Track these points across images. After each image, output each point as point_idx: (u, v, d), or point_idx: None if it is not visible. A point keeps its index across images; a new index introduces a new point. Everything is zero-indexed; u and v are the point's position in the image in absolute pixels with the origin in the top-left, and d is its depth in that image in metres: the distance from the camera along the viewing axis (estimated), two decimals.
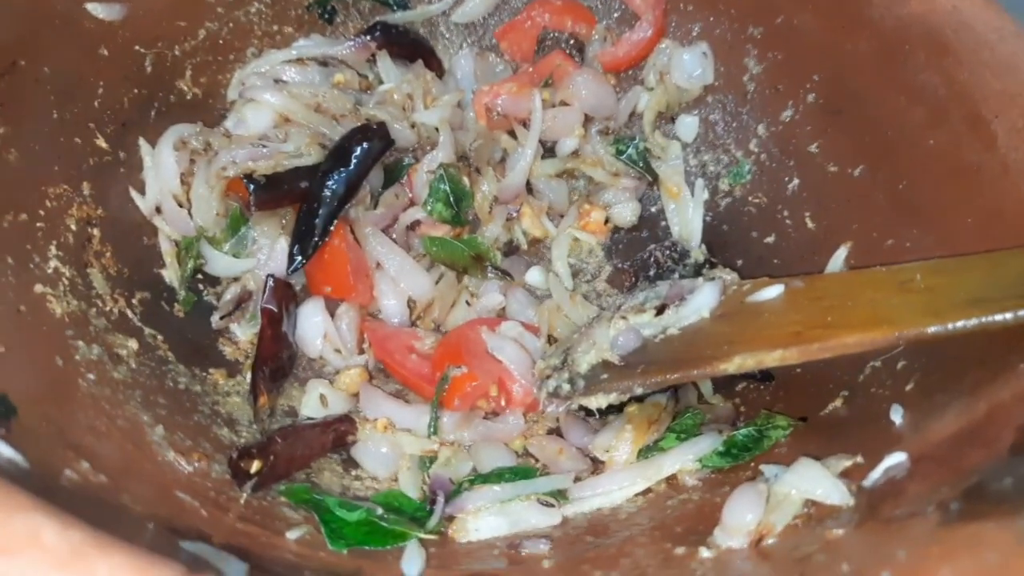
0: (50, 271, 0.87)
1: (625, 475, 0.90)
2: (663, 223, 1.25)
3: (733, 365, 0.82)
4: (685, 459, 0.89)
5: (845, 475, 0.75)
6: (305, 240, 1.02)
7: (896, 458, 0.72)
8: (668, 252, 1.16)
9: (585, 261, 1.24)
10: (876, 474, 0.72)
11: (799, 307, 0.86)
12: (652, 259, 1.16)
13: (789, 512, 0.73)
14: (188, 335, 1.01)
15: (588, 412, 0.97)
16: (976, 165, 0.87)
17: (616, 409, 0.97)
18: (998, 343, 0.75)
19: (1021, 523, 0.52)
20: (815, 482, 0.73)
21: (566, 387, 0.94)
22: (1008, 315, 0.68)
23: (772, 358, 0.80)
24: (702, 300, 0.94)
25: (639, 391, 0.89)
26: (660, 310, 0.96)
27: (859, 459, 0.76)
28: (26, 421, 0.66)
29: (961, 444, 0.69)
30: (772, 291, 0.89)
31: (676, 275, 1.15)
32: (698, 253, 1.20)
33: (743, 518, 0.73)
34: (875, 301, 0.79)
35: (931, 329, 0.71)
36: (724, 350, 0.83)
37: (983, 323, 0.69)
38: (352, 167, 1.03)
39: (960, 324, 0.70)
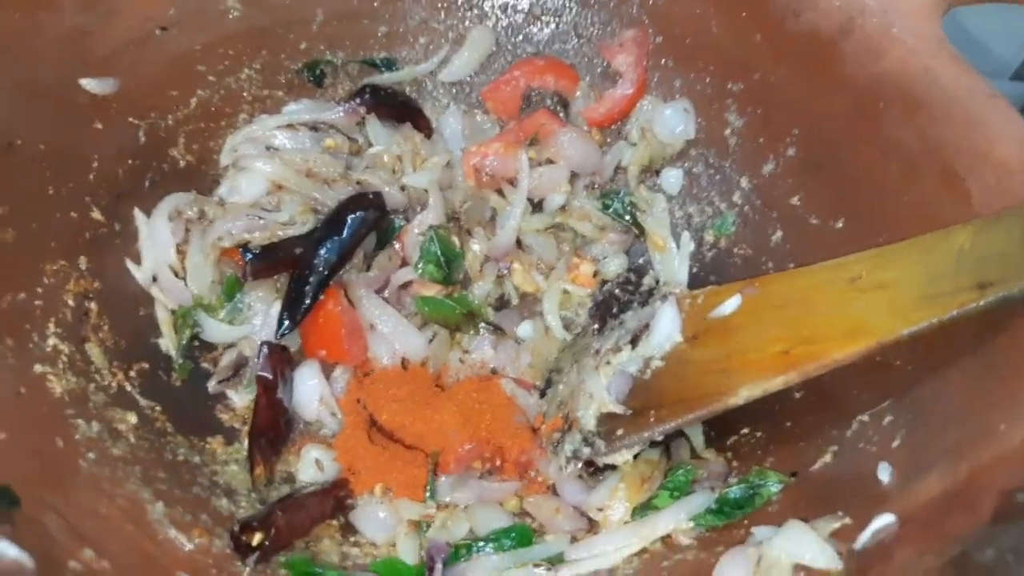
0: (49, 349, 0.89)
1: (620, 535, 0.91)
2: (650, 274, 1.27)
3: (741, 398, 0.83)
4: (679, 518, 0.90)
5: (835, 536, 0.77)
6: (294, 307, 1.03)
7: (885, 519, 0.74)
8: (623, 286, 1.20)
9: (576, 313, 1.26)
10: (865, 536, 0.74)
11: (765, 319, 0.87)
12: (612, 297, 1.19)
13: None
14: (185, 404, 1.02)
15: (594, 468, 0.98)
16: (951, 222, 0.89)
17: (610, 466, 0.99)
18: (978, 400, 0.77)
19: None
20: (804, 546, 0.75)
21: (586, 450, 0.96)
22: (965, 307, 0.70)
23: (776, 384, 0.81)
24: (666, 324, 0.96)
25: (659, 438, 0.91)
26: (634, 343, 0.98)
27: (847, 520, 0.77)
28: (29, 511, 0.68)
29: (945, 507, 0.71)
30: (731, 304, 0.91)
31: (635, 305, 1.17)
32: (650, 279, 1.23)
33: None
34: (838, 305, 0.80)
35: (904, 332, 0.73)
36: (726, 383, 0.84)
37: (943, 320, 0.71)
38: (346, 235, 1.05)
39: (924, 324, 0.72)
